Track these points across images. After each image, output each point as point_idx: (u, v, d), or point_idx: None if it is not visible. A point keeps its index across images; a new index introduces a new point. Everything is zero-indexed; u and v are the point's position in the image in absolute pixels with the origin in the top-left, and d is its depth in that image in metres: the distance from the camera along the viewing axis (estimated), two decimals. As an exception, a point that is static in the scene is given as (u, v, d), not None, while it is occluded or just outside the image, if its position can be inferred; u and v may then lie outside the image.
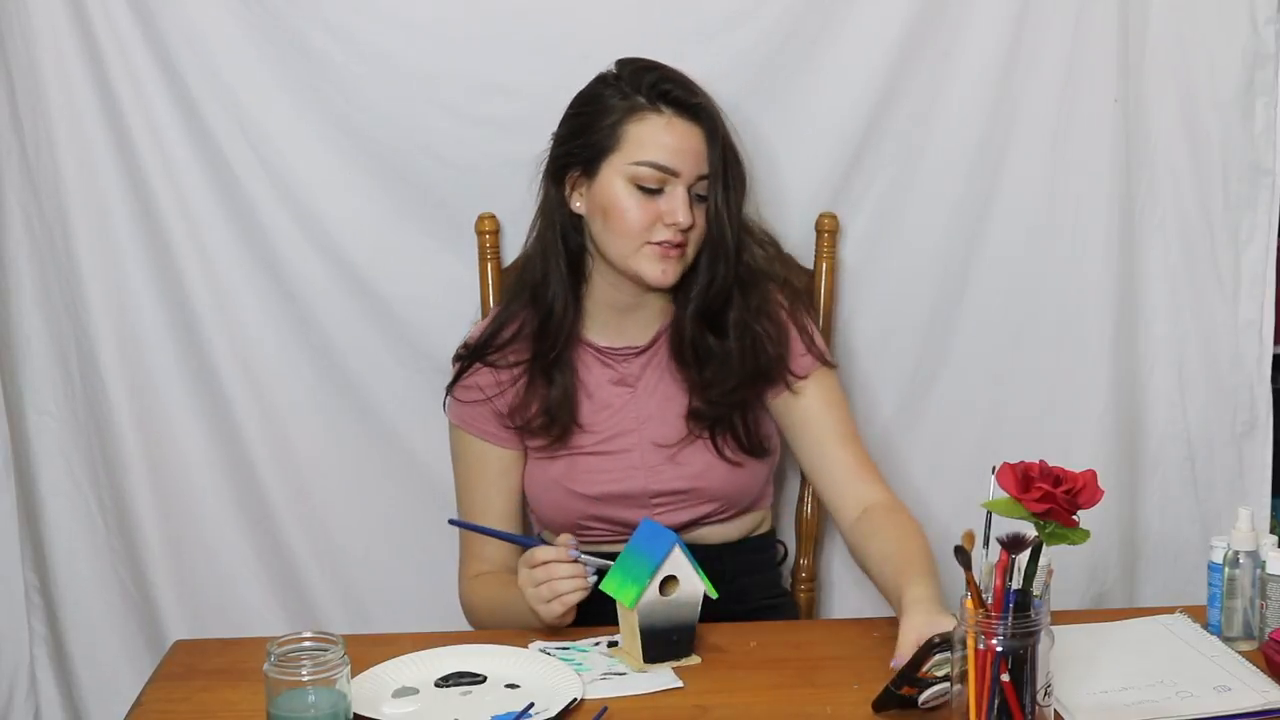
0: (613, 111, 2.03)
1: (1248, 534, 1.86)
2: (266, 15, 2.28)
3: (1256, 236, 2.42)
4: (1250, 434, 2.47)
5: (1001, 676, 1.53)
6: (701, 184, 2.03)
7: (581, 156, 2.05)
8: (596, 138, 2.03)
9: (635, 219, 2.01)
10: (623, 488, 2.10)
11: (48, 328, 2.40)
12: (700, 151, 2.02)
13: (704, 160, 2.03)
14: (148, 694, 1.79)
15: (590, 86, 2.09)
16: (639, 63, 2.08)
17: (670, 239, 2.02)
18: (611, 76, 2.08)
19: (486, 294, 2.33)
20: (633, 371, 2.12)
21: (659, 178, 2.01)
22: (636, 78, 2.04)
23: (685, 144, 2.01)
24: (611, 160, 2.02)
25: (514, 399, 2.11)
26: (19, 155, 2.34)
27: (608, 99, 2.04)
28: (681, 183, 2.01)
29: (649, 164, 2.00)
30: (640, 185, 2.01)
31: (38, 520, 2.45)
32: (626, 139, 2.01)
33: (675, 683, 1.78)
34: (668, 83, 2.03)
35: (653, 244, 2.02)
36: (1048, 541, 1.55)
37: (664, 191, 2.01)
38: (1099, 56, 2.33)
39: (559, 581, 1.87)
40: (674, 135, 2.01)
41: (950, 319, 2.43)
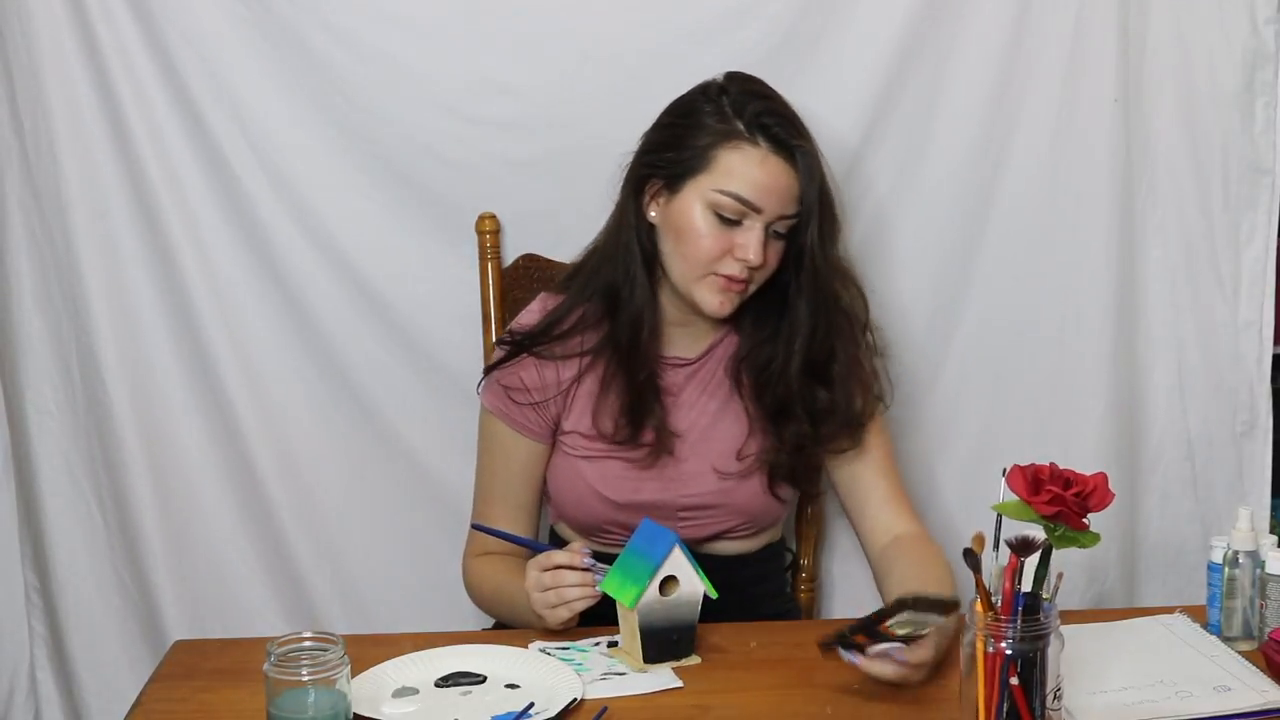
0: (707, 132, 1.97)
1: (1248, 534, 1.86)
2: (267, 15, 2.28)
3: (1256, 236, 2.42)
4: (1250, 434, 2.47)
5: (1011, 680, 1.53)
6: (781, 222, 1.98)
7: (667, 170, 1.99)
8: (686, 155, 1.97)
9: (707, 247, 1.97)
10: (653, 498, 2.07)
11: (48, 328, 2.40)
12: (788, 192, 1.96)
13: (790, 201, 1.97)
14: (148, 694, 1.79)
15: (691, 96, 2.02)
16: (750, 85, 2.01)
17: (736, 274, 1.98)
18: (715, 90, 2.01)
19: (487, 294, 2.33)
20: (677, 382, 2.09)
21: (740, 210, 1.95)
22: (741, 102, 1.97)
23: (775, 182, 1.95)
24: (697, 181, 1.97)
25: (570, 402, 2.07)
26: (19, 155, 2.34)
27: (705, 116, 1.98)
28: (761, 219, 1.95)
29: (733, 195, 1.95)
30: (719, 214, 1.96)
31: (38, 520, 2.45)
32: (716, 164, 1.96)
33: (675, 683, 1.78)
34: (772, 117, 1.96)
35: (718, 275, 1.99)
36: (1057, 544, 1.54)
37: (742, 224, 1.96)
38: (1099, 56, 2.33)
39: (568, 589, 1.86)
40: (766, 172, 1.95)
41: (950, 319, 2.43)
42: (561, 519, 2.15)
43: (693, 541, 2.07)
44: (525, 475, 2.11)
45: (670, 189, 2.00)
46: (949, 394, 2.45)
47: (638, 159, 2.04)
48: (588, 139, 2.30)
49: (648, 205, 2.03)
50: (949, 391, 2.45)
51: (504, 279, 2.34)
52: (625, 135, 2.23)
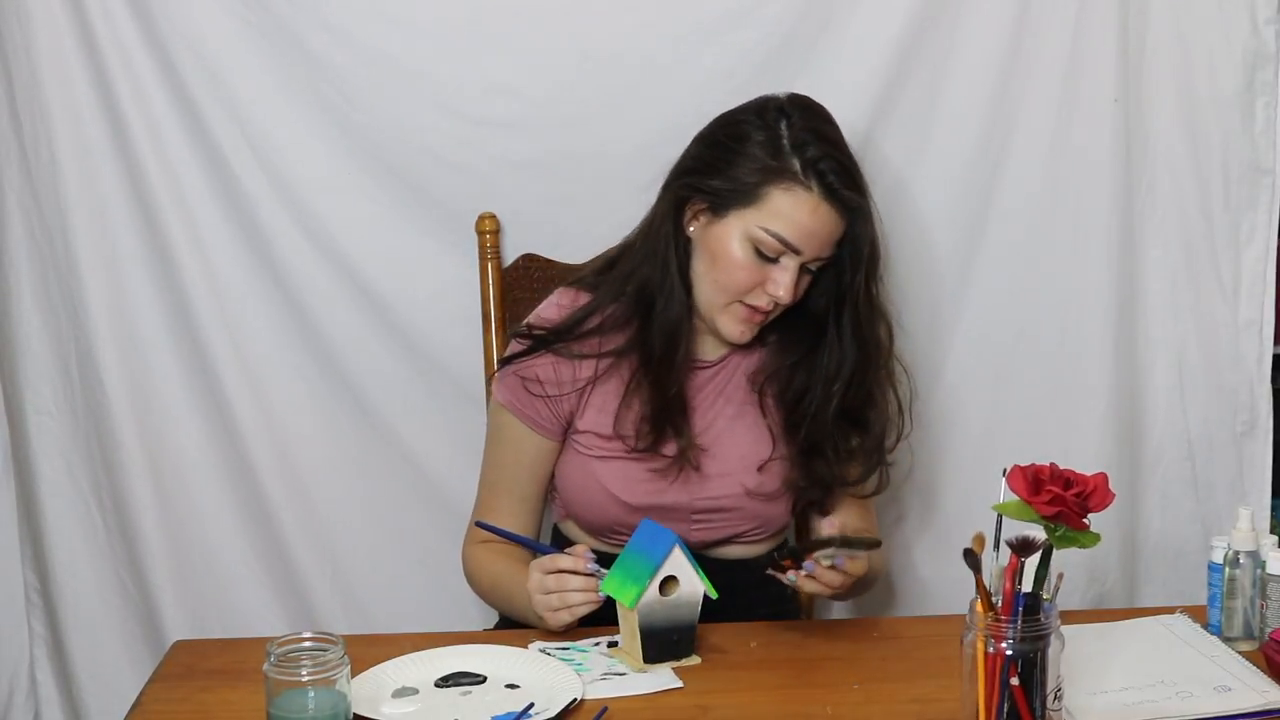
0: (759, 164, 1.94)
1: (1248, 534, 1.86)
2: (267, 16, 2.28)
3: (1256, 236, 2.42)
4: (1250, 434, 2.47)
5: (1011, 680, 1.53)
6: (816, 261, 1.98)
7: (713, 195, 1.98)
8: (736, 186, 1.95)
9: (741, 279, 1.97)
10: (669, 500, 2.06)
11: (47, 328, 2.40)
12: (832, 238, 1.97)
13: (830, 245, 1.97)
14: (148, 694, 1.79)
15: (746, 116, 2.00)
16: (812, 123, 1.98)
17: (763, 305, 1.98)
18: (774, 115, 1.98)
19: (487, 294, 2.33)
20: (696, 384, 2.09)
21: (780, 250, 1.95)
22: (802, 141, 1.95)
23: (821, 229, 1.95)
24: (742, 213, 1.95)
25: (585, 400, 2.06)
26: (19, 155, 2.34)
27: (759, 147, 1.95)
28: (799, 260, 1.96)
29: (777, 235, 1.94)
30: (759, 249, 1.95)
31: (38, 520, 2.45)
32: (766, 202, 1.94)
33: (675, 683, 1.78)
34: (830, 163, 1.95)
35: (744, 304, 1.99)
36: (1058, 545, 1.54)
37: (779, 262, 1.96)
38: (1099, 56, 2.33)
39: (571, 593, 1.86)
40: (815, 218, 1.94)
41: (950, 319, 2.43)
42: (570, 518, 2.14)
43: (704, 545, 2.08)
44: (532, 471, 2.10)
45: (714, 212, 1.98)
46: (949, 394, 2.45)
47: (683, 175, 2.02)
48: (588, 139, 2.30)
49: (688, 222, 2.01)
50: (949, 392, 2.45)
51: (504, 279, 2.34)
52: (625, 136, 2.24)
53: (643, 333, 2.03)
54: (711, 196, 1.98)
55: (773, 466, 2.07)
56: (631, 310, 2.04)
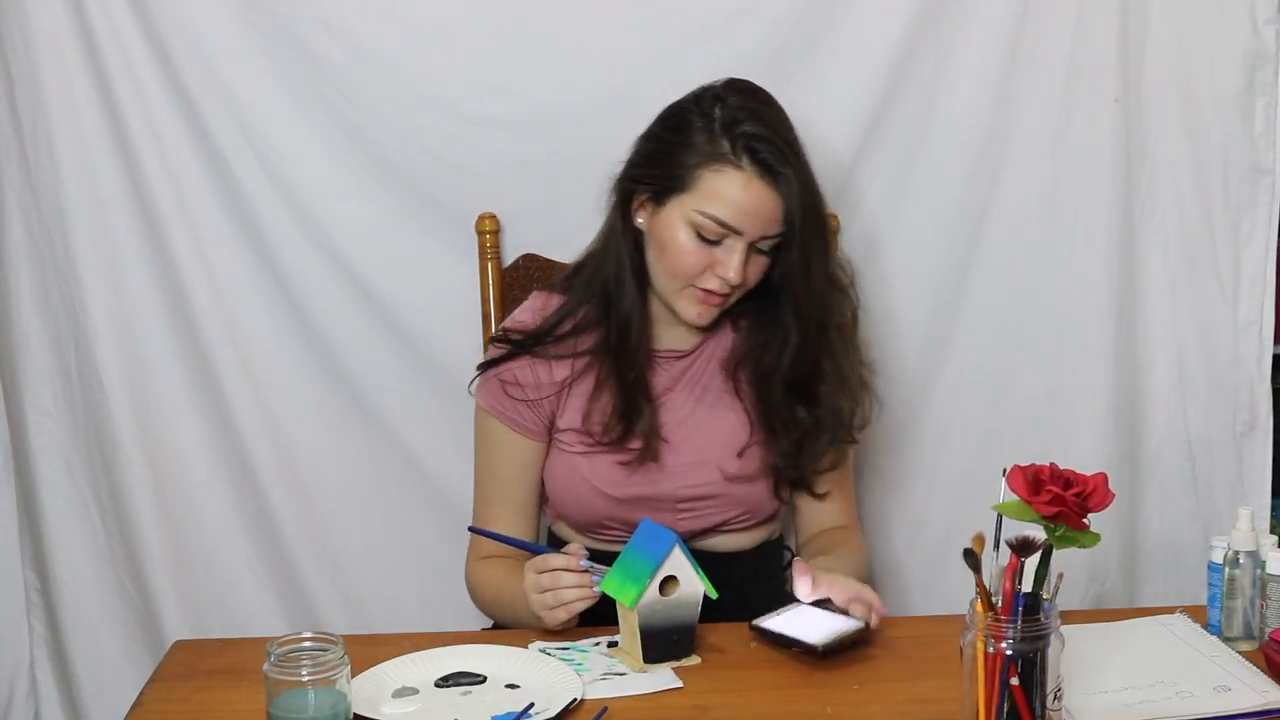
0: (694, 151, 1.96)
1: (1248, 534, 1.86)
2: (267, 16, 2.28)
3: (1256, 236, 2.42)
4: (1250, 434, 2.47)
5: (1011, 680, 1.53)
6: (765, 241, 1.98)
7: (653, 185, 2.00)
8: (672, 173, 1.97)
9: (688, 264, 1.98)
10: (651, 491, 2.07)
11: (47, 328, 2.40)
12: (772, 214, 1.96)
13: (774, 222, 1.97)
14: (148, 694, 1.79)
15: (684, 105, 2.02)
16: (745, 101, 1.99)
17: (716, 289, 1.99)
18: (710, 101, 1.99)
19: (487, 294, 2.33)
20: (672, 375, 2.10)
21: (720, 232, 1.96)
22: (731, 121, 1.96)
23: (758, 206, 1.95)
24: (680, 199, 1.97)
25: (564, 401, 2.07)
26: (19, 155, 2.34)
27: (694, 133, 1.97)
28: (743, 240, 1.96)
29: (713, 218, 1.95)
30: (700, 233, 1.96)
31: (38, 520, 2.45)
32: (700, 186, 1.96)
33: (675, 683, 1.78)
34: (761, 141, 1.95)
35: (697, 288, 2.00)
36: (1058, 545, 1.54)
37: (722, 244, 1.97)
38: (1099, 56, 2.33)
39: (565, 590, 1.86)
40: (749, 195, 1.94)
41: (950, 319, 2.43)
42: (561, 518, 2.15)
43: (691, 534, 2.08)
44: (523, 475, 2.11)
45: (656, 202, 2.01)
46: (949, 394, 2.45)
47: (627, 169, 2.05)
48: (588, 139, 2.30)
49: (635, 213, 2.04)
50: (949, 392, 2.45)
51: (504, 279, 2.34)
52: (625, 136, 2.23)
53: (606, 330, 2.06)
54: (653, 186, 2.00)
55: (752, 451, 2.09)
56: (599, 311, 2.07)
